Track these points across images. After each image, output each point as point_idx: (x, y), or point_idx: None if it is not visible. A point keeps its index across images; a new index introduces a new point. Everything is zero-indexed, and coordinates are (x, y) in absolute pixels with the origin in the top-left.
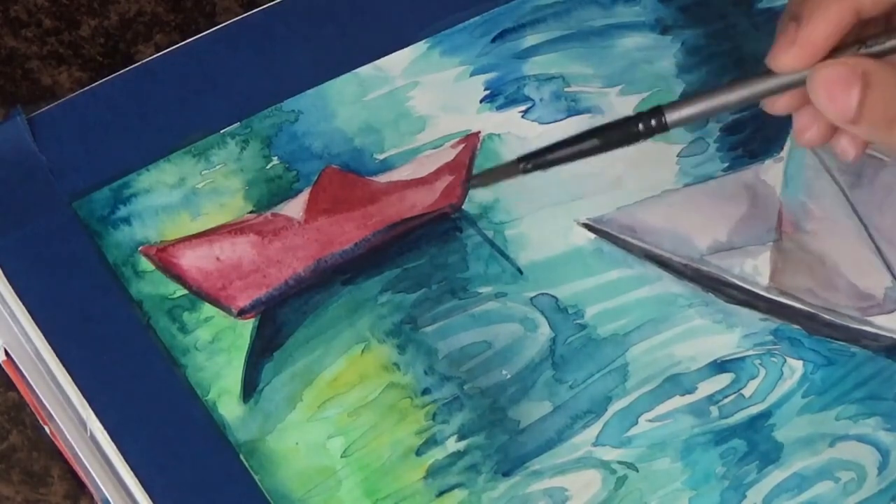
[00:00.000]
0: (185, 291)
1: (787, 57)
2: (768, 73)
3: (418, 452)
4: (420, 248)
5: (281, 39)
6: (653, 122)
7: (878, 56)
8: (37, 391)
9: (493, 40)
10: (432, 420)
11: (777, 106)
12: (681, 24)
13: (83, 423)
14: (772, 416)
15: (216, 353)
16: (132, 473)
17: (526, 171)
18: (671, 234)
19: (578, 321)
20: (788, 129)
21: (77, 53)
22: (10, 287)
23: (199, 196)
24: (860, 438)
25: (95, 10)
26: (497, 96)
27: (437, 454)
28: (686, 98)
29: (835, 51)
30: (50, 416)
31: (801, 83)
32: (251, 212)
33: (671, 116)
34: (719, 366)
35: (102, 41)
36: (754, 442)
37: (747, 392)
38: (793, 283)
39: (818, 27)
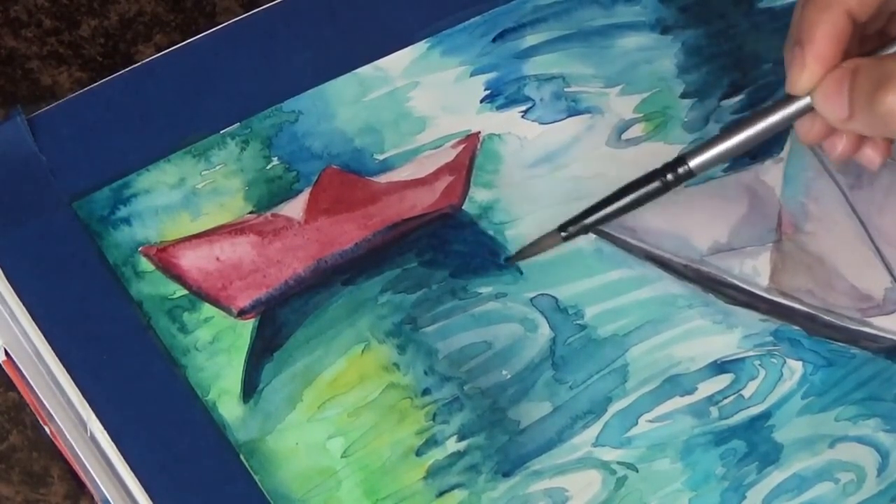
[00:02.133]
0: (185, 292)
1: (801, 80)
2: (783, 101)
3: (418, 453)
4: (420, 249)
5: (281, 40)
6: (680, 170)
7: None
8: (37, 391)
9: (494, 40)
10: (432, 420)
11: (811, 136)
12: (681, 25)
13: (83, 424)
14: (771, 417)
15: (216, 354)
16: (132, 474)
17: (568, 238)
18: (671, 234)
19: (578, 322)
20: (788, 130)
21: (77, 53)
22: (10, 287)
23: (200, 196)
24: (860, 439)
25: (95, 10)
26: (497, 96)
27: (437, 454)
28: (708, 140)
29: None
30: (50, 416)
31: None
32: (251, 212)
33: (695, 162)
34: (719, 366)
35: (102, 41)
36: (754, 443)
37: (747, 393)
38: (793, 284)
39: (819, 42)
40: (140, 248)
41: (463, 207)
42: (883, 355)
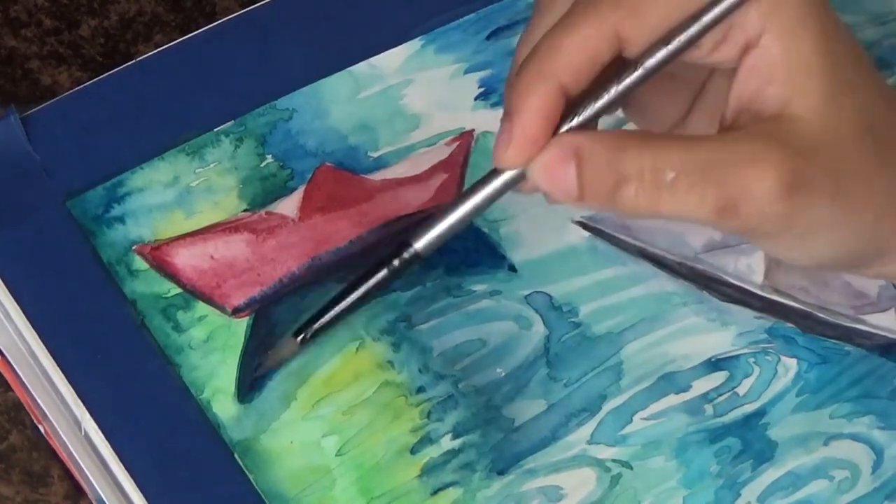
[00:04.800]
0: (180, 290)
1: (508, 156)
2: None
3: (413, 451)
4: None
5: (275, 37)
6: (405, 255)
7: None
8: (31, 390)
9: (488, 38)
10: (427, 418)
11: (527, 188)
12: None
13: (77, 423)
14: (766, 415)
15: (210, 352)
16: (126, 473)
17: (304, 342)
18: (665, 232)
19: (573, 319)
20: None
21: (77, 53)
22: (4, 286)
23: (193, 194)
24: (854, 437)
25: (95, 10)
26: (491, 94)
27: (431, 452)
28: (427, 221)
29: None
30: (44, 415)
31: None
32: (245, 210)
33: (420, 244)
34: (714, 364)
35: (102, 41)
36: (748, 440)
37: (742, 390)
38: (787, 282)
39: (528, 119)
40: (134, 247)
41: None
42: (877, 352)
